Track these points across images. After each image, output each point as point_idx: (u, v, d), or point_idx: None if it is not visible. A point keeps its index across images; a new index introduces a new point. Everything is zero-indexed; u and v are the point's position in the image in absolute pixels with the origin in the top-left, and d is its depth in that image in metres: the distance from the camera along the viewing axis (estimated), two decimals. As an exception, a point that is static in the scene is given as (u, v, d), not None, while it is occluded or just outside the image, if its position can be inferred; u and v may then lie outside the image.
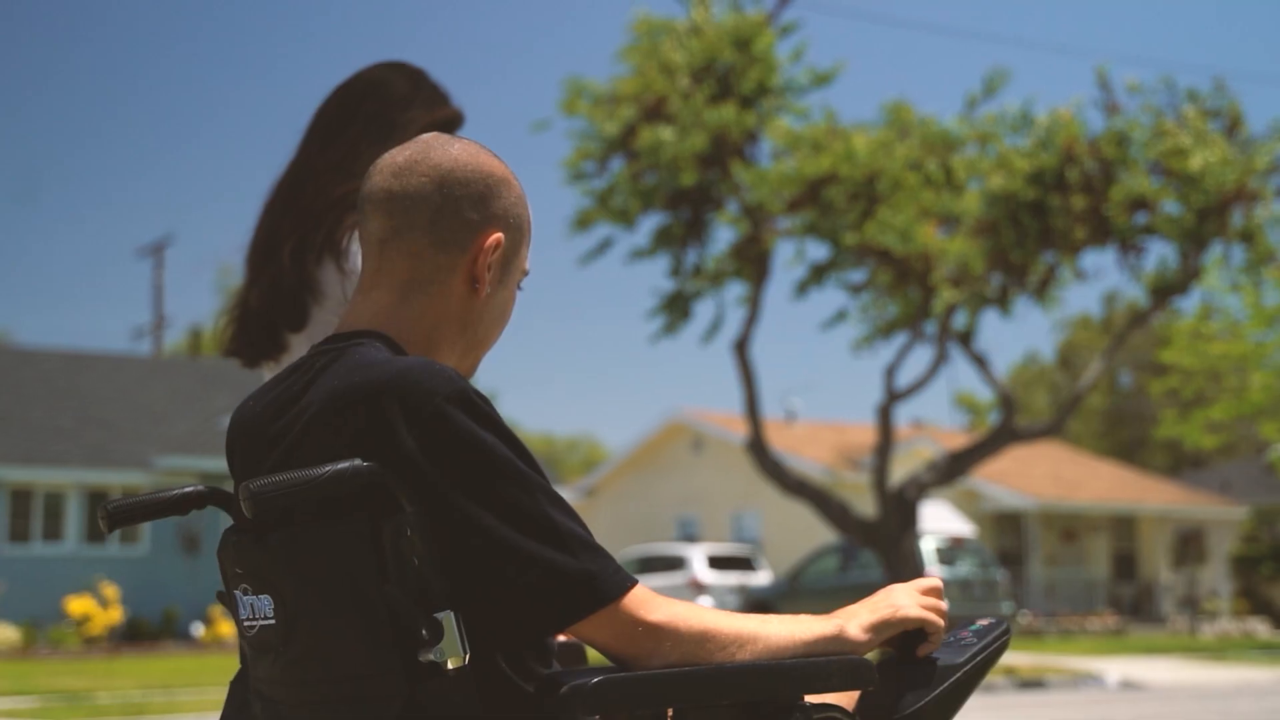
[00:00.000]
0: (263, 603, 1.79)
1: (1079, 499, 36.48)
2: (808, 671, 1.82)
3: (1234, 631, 34.57)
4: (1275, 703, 15.29)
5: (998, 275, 20.33)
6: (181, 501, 1.96)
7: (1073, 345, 64.61)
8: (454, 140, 1.98)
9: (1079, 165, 19.68)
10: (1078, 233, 19.78)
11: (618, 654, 1.78)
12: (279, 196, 2.76)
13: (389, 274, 1.93)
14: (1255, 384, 27.35)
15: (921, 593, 1.98)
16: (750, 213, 19.82)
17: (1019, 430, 22.32)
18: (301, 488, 1.64)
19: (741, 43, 19.44)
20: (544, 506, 1.74)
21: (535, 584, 1.71)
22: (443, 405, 1.71)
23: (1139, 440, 60.88)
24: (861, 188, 19.35)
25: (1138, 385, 60.14)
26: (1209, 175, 19.36)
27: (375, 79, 2.81)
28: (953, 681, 1.91)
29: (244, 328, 2.70)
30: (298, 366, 1.93)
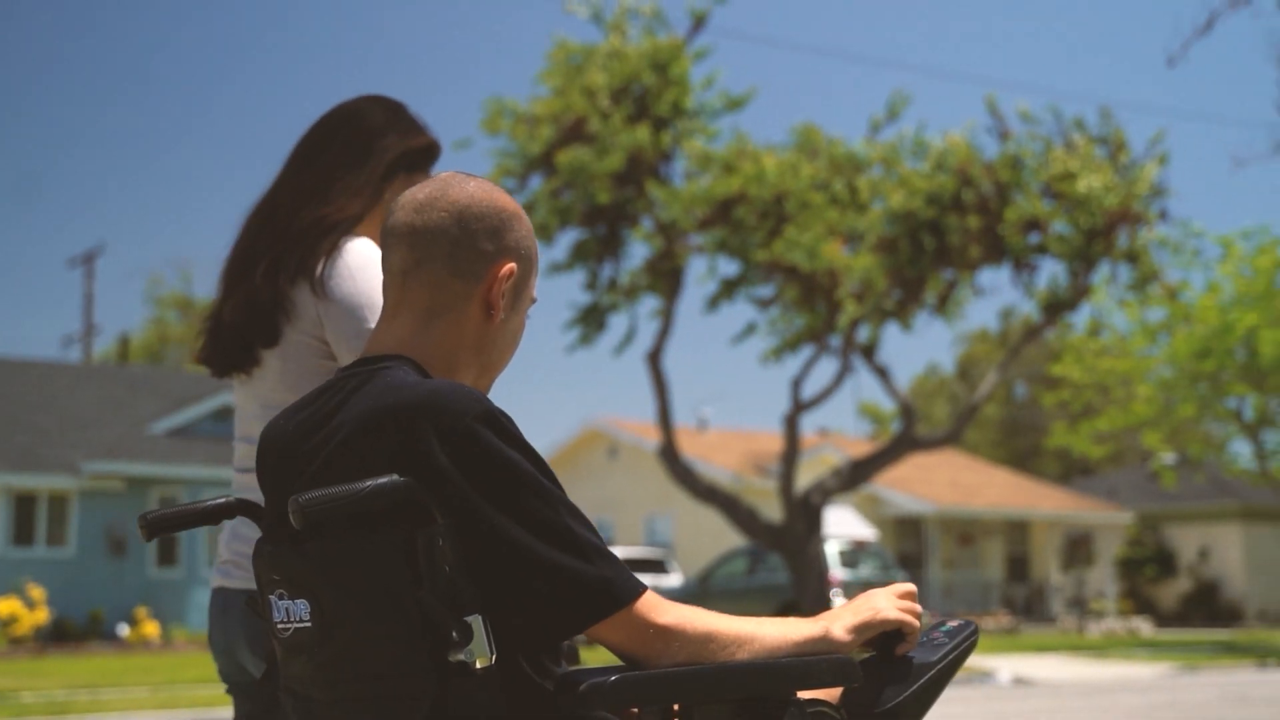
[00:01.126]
0: (299, 607, 1.85)
1: (975, 505, 36.91)
2: (800, 670, 1.91)
3: (1119, 630, 35.13)
4: (1156, 698, 15.58)
5: (898, 291, 20.59)
6: (214, 512, 2.06)
7: (971, 357, 65.40)
8: (470, 178, 2.06)
9: (975, 187, 20.00)
10: (973, 251, 20.09)
11: (630, 654, 1.86)
12: (256, 217, 2.75)
13: (411, 302, 2.01)
14: (1140, 396, 27.85)
15: (899, 596, 2.07)
16: (664, 229, 19.93)
17: (919, 439, 22.59)
18: (347, 501, 1.71)
19: (660, 66, 19.55)
20: (565, 518, 1.83)
21: (558, 590, 1.80)
22: (472, 425, 1.79)
23: (1033, 449, 61.70)
24: (770, 207, 19.52)
25: (1032, 396, 60.96)
26: (1095, 198, 19.75)
27: (352, 110, 2.81)
28: (928, 678, 2.01)
29: (216, 340, 2.70)
30: (327, 388, 2.00)
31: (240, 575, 2.56)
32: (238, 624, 2.54)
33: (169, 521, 2.04)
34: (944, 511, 35.91)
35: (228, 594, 2.59)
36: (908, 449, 22.38)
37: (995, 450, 63.16)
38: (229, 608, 2.58)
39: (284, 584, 1.87)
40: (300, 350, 2.59)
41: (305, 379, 2.57)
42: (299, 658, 1.87)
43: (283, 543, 1.89)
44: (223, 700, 14.49)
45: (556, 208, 19.70)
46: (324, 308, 2.55)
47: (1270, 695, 16.03)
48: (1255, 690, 16.70)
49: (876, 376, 22.36)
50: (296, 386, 2.56)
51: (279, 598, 1.89)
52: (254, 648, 2.50)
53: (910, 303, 20.75)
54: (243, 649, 2.54)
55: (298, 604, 1.85)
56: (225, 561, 2.63)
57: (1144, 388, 27.57)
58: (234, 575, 2.59)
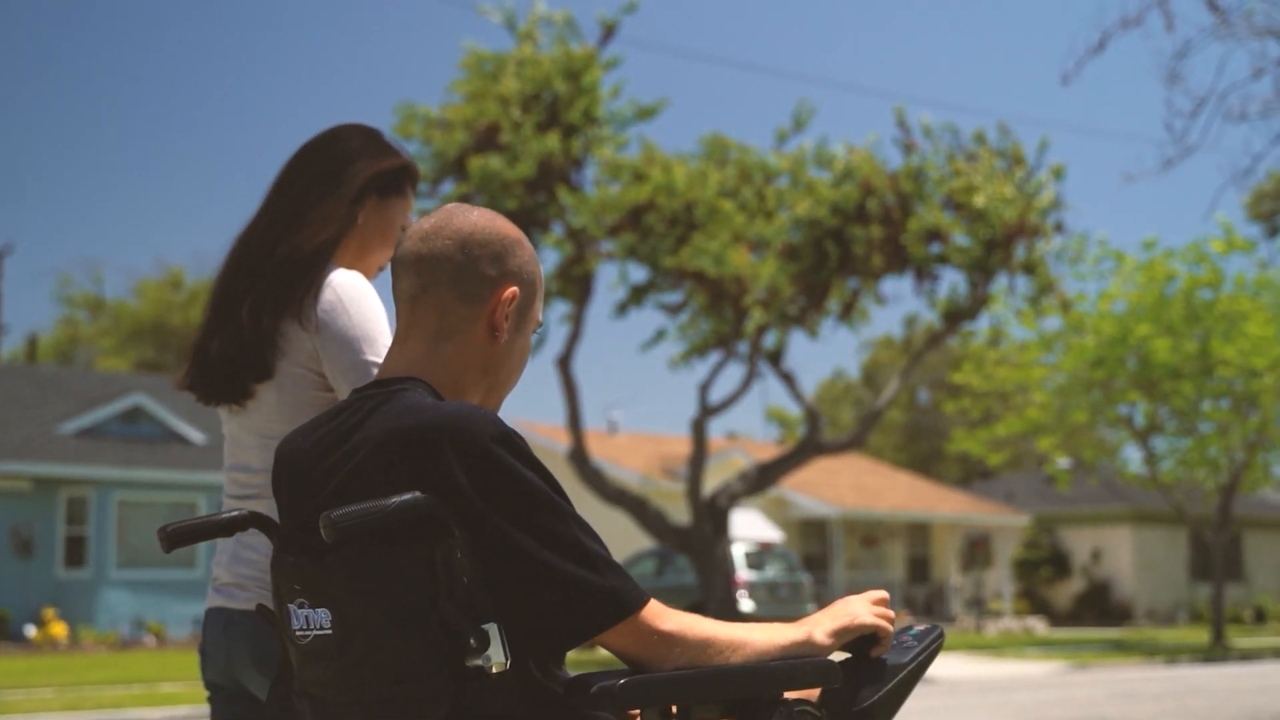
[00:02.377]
0: (319, 615, 1.92)
1: (878, 507, 37.28)
2: (789, 672, 2.01)
3: (1015, 629, 35.65)
4: (1047, 695, 15.85)
5: (803, 298, 20.77)
6: (229, 524, 2.15)
7: (876, 363, 66.04)
8: (473, 209, 2.15)
9: (878, 198, 20.22)
10: (876, 260, 20.30)
11: (635, 658, 1.95)
12: (235, 250, 2.76)
13: (420, 326, 2.10)
14: (1036, 403, 28.29)
15: (873, 603, 2.18)
16: (574, 236, 19.95)
17: (824, 444, 22.79)
18: (375, 516, 1.79)
19: (572, 74, 19.58)
20: (575, 532, 1.92)
21: (570, 600, 1.89)
22: (489, 445, 1.88)
23: (935, 453, 62.43)
24: (680, 214, 19.61)
25: (934, 402, 61.68)
26: (993, 211, 20.06)
27: (325, 139, 2.81)
28: (900, 678, 2.12)
29: (204, 372, 2.69)
30: (344, 407, 2.08)
31: (245, 598, 2.58)
32: (244, 646, 2.56)
33: (188, 534, 2.12)
34: (848, 514, 36.24)
35: (230, 614, 2.61)
36: (813, 453, 22.57)
37: (898, 454, 63.82)
38: (231, 627, 2.59)
39: (305, 593, 1.95)
40: (295, 382, 2.61)
41: (301, 411, 2.58)
42: (318, 663, 1.95)
43: (304, 554, 1.98)
44: (130, 701, 14.32)
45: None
46: (319, 342, 2.57)
47: (1155, 691, 16.38)
48: (1142, 687, 17.05)
49: (783, 382, 22.53)
50: (293, 419, 2.57)
51: (299, 606, 1.96)
52: (261, 669, 2.52)
53: (815, 310, 20.93)
54: (249, 671, 2.56)
55: (318, 613, 1.92)
56: (227, 584, 2.64)
57: (1040, 394, 28.01)
58: (238, 597, 2.61)
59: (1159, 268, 25.96)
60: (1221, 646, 26.42)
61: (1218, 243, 26.00)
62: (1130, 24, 11.35)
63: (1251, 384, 25.36)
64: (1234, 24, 11.30)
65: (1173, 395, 25.94)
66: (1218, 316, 25.67)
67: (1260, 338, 25.05)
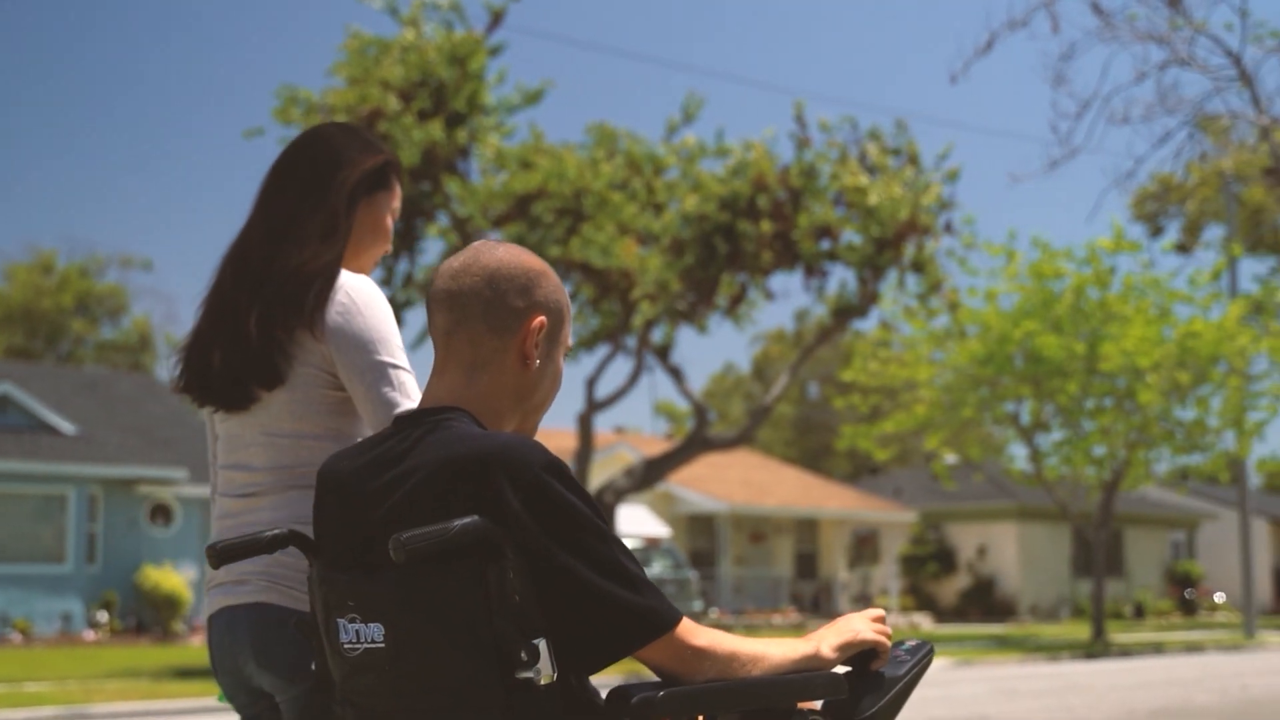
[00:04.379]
0: (371, 630, 2.08)
1: (767, 503, 37.55)
2: (801, 684, 2.20)
3: (901, 625, 36.12)
4: (931, 692, 16.06)
5: (692, 293, 20.83)
6: (272, 542, 2.31)
7: (767, 357, 66.49)
8: (499, 245, 2.31)
9: (769, 193, 20.34)
10: (766, 256, 20.43)
11: (670, 672, 2.12)
12: (230, 261, 2.80)
13: (455, 358, 2.27)
14: (924, 399, 28.66)
15: (872, 621, 2.36)
16: (460, 225, 19.83)
17: (712, 439, 22.89)
18: (441, 539, 1.94)
19: (458, 60, 19.43)
20: (617, 554, 2.07)
21: (614, 618, 2.06)
22: (540, 474, 2.04)
23: (824, 447, 63.00)
24: (569, 203, 19.57)
25: (824, 396, 62.26)
26: (884, 209, 20.27)
27: (305, 145, 2.86)
28: (897, 690, 2.30)
29: (204, 379, 2.75)
30: (390, 435, 2.24)
31: (245, 591, 2.63)
32: (246, 638, 2.61)
33: (236, 551, 2.33)
34: (736, 510, 36.44)
35: (234, 610, 2.65)
36: (700, 449, 22.67)
37: (788, 449, 64.33)
38: (235, 623, 2.64)
39: (358, 609, 2.10)
40: (306, 381, 2.67)
41: (312, 408, 2.67)
42: (367, 674, 2.11)
43: (356, 571, 2.14)
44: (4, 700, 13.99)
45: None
46: (332, 345, 2.63)
47: (1037, 689, 16.68)
48: (1024, 684, 17.35)
49: (670, 377, 22.59)
50: (304, 416, 2.66)
51: (350, 621, 2.11)
52: (260, 660, 2.59)
53: (703, 305, 21.01)
54: (249, 661, 2.62)
55: (370, 627, 2.08)
56: (226, 582, 2.68)
57: (928, 391, 28.38)
58: (238, 592, 2.65)
59: (1047, 266, 26.42)
60: (1102, 642, 26.99)
61: (1105, 242, 26.51)
62: (1017, 25, 11.55)
63: (1134, 383, 25.92)
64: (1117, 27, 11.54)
65: (1058, 393, 26.42)
66: (1104, 316, 26.19)
67: (1143, 337, 25.61)
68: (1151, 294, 27.01)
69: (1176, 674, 19.96)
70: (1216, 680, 18.42)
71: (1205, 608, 46.23)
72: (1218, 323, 26.57)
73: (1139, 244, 27.25)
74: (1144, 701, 15.14)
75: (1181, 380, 26.26)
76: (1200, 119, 13.64)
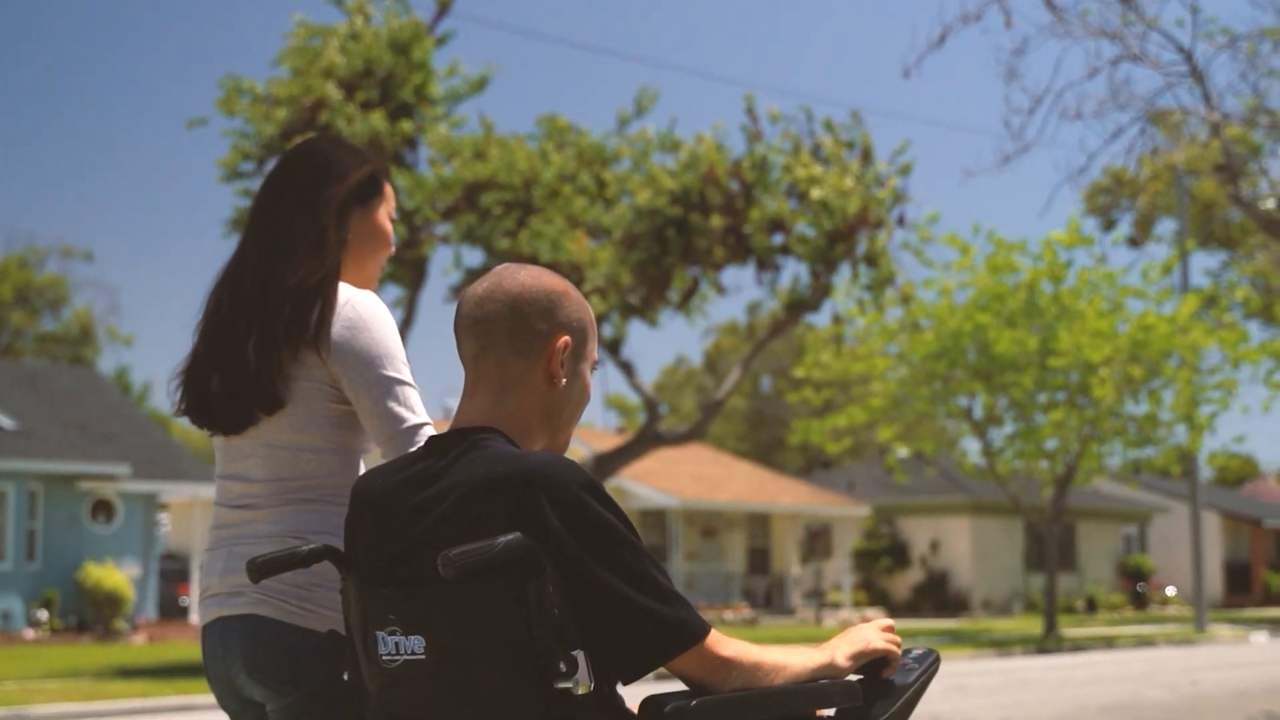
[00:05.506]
0: (412, 642, 2.18)
1: (718, 498, 37.60)
2: (820, 693, 2.32)
3: (855, 620, 36.31)
4: (883, 690, 16.13)
5: (643, 288, 20.82)
6: (308, 556, 2.43)
7: (719, 349, 66.61)
8: (520, 269, 2.42)
9: (721, 187, 20.34)
10: (718, 251, 20.44)
11: (700, 681, 2.24)
12: (224, 285, 2.82)
13: (485, 381, 2.38)
14: (878, 393, 28.79)
15: (882, 630, 2.49)
16: (407, 218, 19.74)
17: (663, 434, 22.90)
18: (486, 555, 2.04)
19: (400, 48, 19.32)
20: (650, 569, 2.19)
21: (646, 629, 2.16)
22: (579, 492, 2.15)
23: (777, 441, 63.19)
24: (519, 195, 19.51)
25: (776, 390, 62.44)
26: (836, 202, 20.31)
27: (290, 164, 2.89)
28: (906, 697, 2.41)
29: (203, 403, 2.79)
30: (425, 454, 2.34)
31: (239, 602, 2.68)
32: (238, 648, 2.67)
33: (274, 565, 2.43)
34: (688, 504, 36.49)
35: (228, 621, 2.70)
36: (652, 444, 22.67)
37: (740, 443, 64.49)
38: (228, 633, 2.69)
39: (399, 622, 2.20)
40: (309, 395, 2.71)
41: (314, 422, 2.71)
42: (406, 685, 2.21)
43: (396, 585, 2.23)
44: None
45: (290, 195, 19.25)
46: (337, 361, 2.68)
47: (989, 685, 16.79)
48: (975, 680, 17.46)
49: (621, 372, 22.57)
50: (305, 429, 2.71)
51: (389, 633, 2.21)
52: (251, 672, 2.65)
53: (655, 299, 21.00)
54: (240, 672, 2.67)
55: (411, 640, 2.18)
56: (221, 594, 2.73)
57: (881, 385, 28.50)
58: (232, 604, 2.70)
59: (1001, 260, 26.57)
60: (1054, 637, 27.22)
61: (1060, 235, 26.70)
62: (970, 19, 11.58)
63: (1087, 377, 26.12)
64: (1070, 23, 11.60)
65: (1012, 387, 26.59)
66: (1058, 310, 26.38)
67: (1096, 331, 25.81)
68: (1104, 288, 27.22)
69: (1127, 669, 20.15)
70: (1167, 676, 18.61)
71: (1157, 601, 46.71)
72: (1171, 316, 26.82)
73: (1092, 238, 27.46)
74: (1095, 698, 15.27)
75: (1134, 374, 26.48)
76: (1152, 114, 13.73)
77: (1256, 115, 13.42)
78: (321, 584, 2.63)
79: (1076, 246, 26.89)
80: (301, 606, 2.63)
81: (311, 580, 2.63)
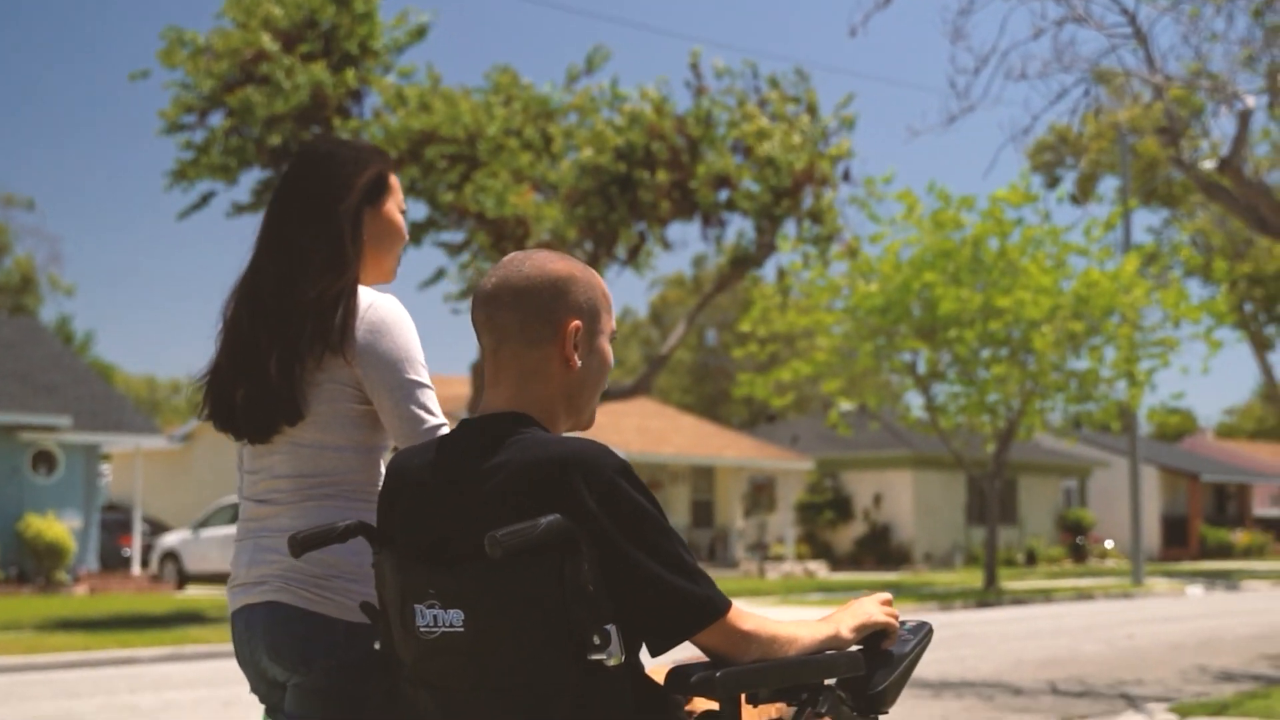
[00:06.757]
0: (451, 615, 2.31)
1: (663, 451, 37.73)
2: (828, 663, 2.48)
3: (797, 573, 36.60)
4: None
5: (590, 243, 20.80)
6: (345, 532, 2.58)
7: (665, 301, 66.64)
8: (526, 259, 2.54)
9: (666, 142, 20.32)
10: (663, 206, 20.43)
11: (721, 654, 2.38)
12: (243, 302, 2.91)
13: (505, 372, 2.51)
14: (822, 348, 28.91)
15: (882, 604, 2.65)
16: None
17: (609, 388, 22.90)
18: (529, 535, 2.18)
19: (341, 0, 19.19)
20: (678, 549, 2.33)
21: (675, 605, 2.31)
22: (613, 476, 2.30)
23: (722, 394, 63.42)
24: (463, 149, 19.42)
25: (722, 343, 62.59)
26: (782, 159, 20.33)
27: (297, 175, 2.95)
28: (904, 666, 2.58)
29: (229, 414, 2.90)
30: (458, 438, 2.49)
31: (261, 590, 2.84)
32: (261, 634, 2.83)
33: (313, 541, 2.58)
34: (632, 458, 36.53)
35: (253, 609, 2.85)
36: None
37: (685, 395, 64.66)
38: (253, 621, 2.85)
39: (438, 596, 2.33)
40: (332, 395, 2.83)
41: (337, 420, 2.83)
42: (443, 656, 2.34)
43: (436, 562, 2.37)
44: None
45: (230, 148, 19.10)
46: (360, 366, 2.80)
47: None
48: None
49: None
50: (328, 428, 2.83)
51: (428, 607, 2.34)
52: (273, 656, 2.81)
53: (601, 254, 21.00)
54: (263, 655, 2.83)
55: (450, 613, 2.31)
56: (247, 583, 2.88)
57: (825, 338, 28.61)
58: (255, 592, 2.85)
59: (947, 216, 26.68)
60: (995, 590, 27.56)
61: (1004, 192, 26.83)
62: (917, -21, 11.58)
63: (1029, 334, 26.33)
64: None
65: (956, 343, 26.76)
66: (1004, 267, 26.53)
67: (1039, 287, 25.99)
68: (1048, 245, 27.40)
69: (1065, 623, 20.46)
70: (1104, 629, 18.92)
71: (1095, 554, 47.35)
72: (1113, 273, 27.05)
73: (1037, 195, 27.60)
74: (1033, 652, 15.51)
75: (1075, 330, 26.72)
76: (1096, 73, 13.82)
77: (1198, 79, 13.55)
78: (338, 574, 2.79)
79: (1023, 205, 27.03)
80: (319, 594, 2.78)
81: (329, 571, 2.78)
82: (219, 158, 19.02)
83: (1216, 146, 14.64)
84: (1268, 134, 17.20)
